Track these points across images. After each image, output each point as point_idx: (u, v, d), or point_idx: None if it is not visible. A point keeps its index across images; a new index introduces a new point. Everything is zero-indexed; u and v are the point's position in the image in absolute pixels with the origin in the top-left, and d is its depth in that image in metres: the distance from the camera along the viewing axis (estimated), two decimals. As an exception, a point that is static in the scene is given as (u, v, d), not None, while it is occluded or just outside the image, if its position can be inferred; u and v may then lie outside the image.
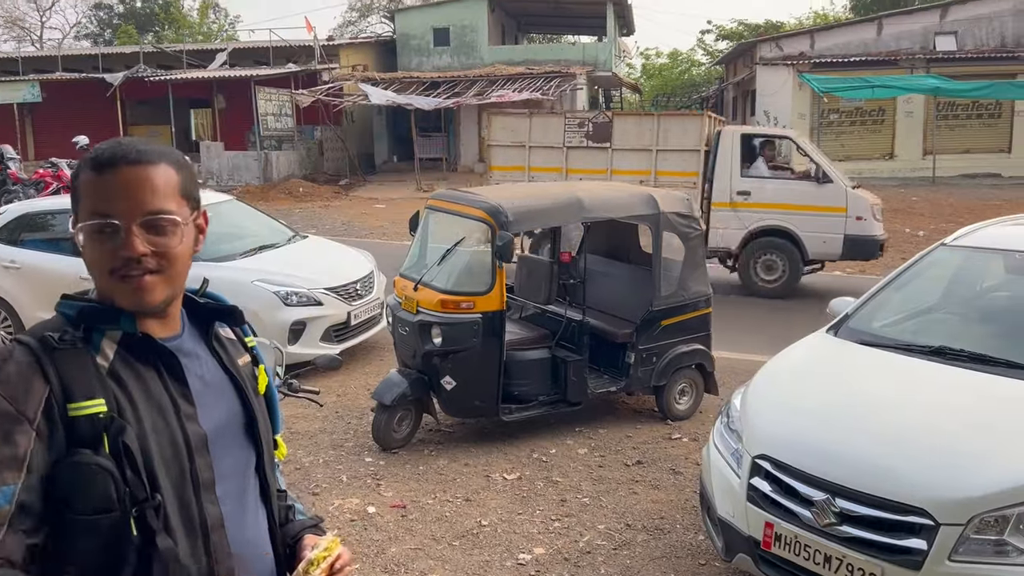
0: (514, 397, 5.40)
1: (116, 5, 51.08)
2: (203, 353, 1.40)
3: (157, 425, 1.26)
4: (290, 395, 3.74)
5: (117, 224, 1.25)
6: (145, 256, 1.26)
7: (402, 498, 4.68)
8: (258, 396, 1.46)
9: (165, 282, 1.30)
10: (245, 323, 1.50)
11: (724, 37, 40.35)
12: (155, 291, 1.28)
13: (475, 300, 5.11)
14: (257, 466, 1.43)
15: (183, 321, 1.40)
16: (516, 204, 5.24)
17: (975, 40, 24.30)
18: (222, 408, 1.37)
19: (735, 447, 3.63)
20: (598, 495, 4.74)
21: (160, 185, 1.29)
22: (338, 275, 7.20)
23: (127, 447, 1.20)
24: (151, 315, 1.32)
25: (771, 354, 4.33)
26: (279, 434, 1.54)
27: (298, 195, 20.60)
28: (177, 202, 1.31)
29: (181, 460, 1.27)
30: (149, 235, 1.27)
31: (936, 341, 3.84)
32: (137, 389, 1.26)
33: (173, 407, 1.28)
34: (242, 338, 1.50)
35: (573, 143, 10.60)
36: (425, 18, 28.43)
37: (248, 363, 1.47)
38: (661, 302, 5.68)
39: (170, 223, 1.29)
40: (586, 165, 10.46)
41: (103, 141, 1.37)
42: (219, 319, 1.45)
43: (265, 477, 1.44)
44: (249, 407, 1.41)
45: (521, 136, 10.88)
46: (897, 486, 2.98)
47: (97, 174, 1.27)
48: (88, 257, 1.29)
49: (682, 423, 5.81)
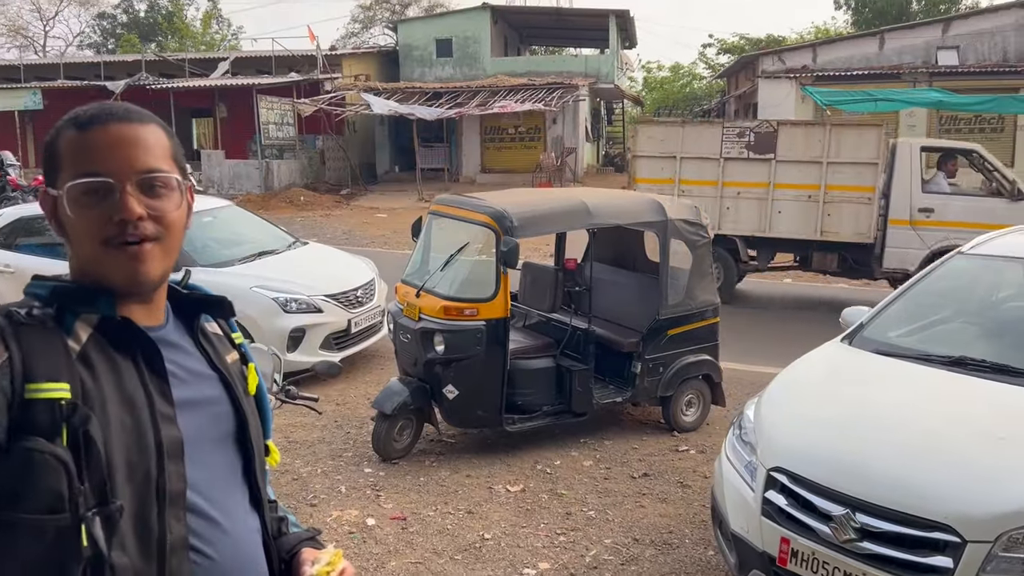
0: (518, 407, 5.27)
1: (119, 15, 51.26)
2: (189, 347, 1.25)
3: (125, 422, 1.09)
4: (288, 402, 3.62)
5: (111, 183, 1.11)
6: (143, 220, 1.12)
7: (402, 510, 4.55)
8: (248, 397, 1.31)
9: (163, 252, 1.16)
10: (234, 315, 1.36)
11: (726, 51, 40.45)
12: (153, 261, 1.14)
13: (479, 307, 4.99)
14: (246, 473, 1.28)
15: (167, 311, 1.25)
16: (521, 209, 5.13)
17: (977, 55, 24.33)
18: (209, 408, 1.22)
19: (748, 459, 3.51)
20: (604, 508, 4.60)
21: (152, 144, 1.16)
22: (338, 282, 7.08)
23: (89, 439, 1.04)
24: (136, 299, 1.17)
25: (777, 365, 4.22)
26: (270, 439, 1.39)
27: (299, 204, 20.53)
28: (170, 165, 1.18)
29: (147, 466, 1.10)
30: (145, 197, 1.13)
31: (955, 351, 3.72)
32: (108, 379, 1.10)
33: (148, 404, 1.12)
34: (229, 334, 1.35)
35: (731, 154, 9.75)
36: (428, 29, 28.47)
37: (237, 361, 1.32)
38: (668, 311, 5.56)
39: (166, 183, 1.16)
40: (745, 178, 9.68)
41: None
42: (206, 311, 1.30)
43: (256, 485, 1.29)
44: (239, 408, 1.26)
45: (671, 146, 10.02)
46: (921, 501, 2.85)
47: (82, 131, 1.13)
48: (74, 227, 1.13)
49: (689, 435, 5.68)
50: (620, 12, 27.97)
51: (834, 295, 10.31)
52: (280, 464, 5.15)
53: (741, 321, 8.60)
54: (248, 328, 6.44)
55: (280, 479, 4.92)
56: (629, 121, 32.84)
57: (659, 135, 10.19)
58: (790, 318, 9.38)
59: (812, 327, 8.41)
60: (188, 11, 49.91)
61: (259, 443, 1.31)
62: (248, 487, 1.28)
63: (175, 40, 44.55)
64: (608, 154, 33.59)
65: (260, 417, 1.34)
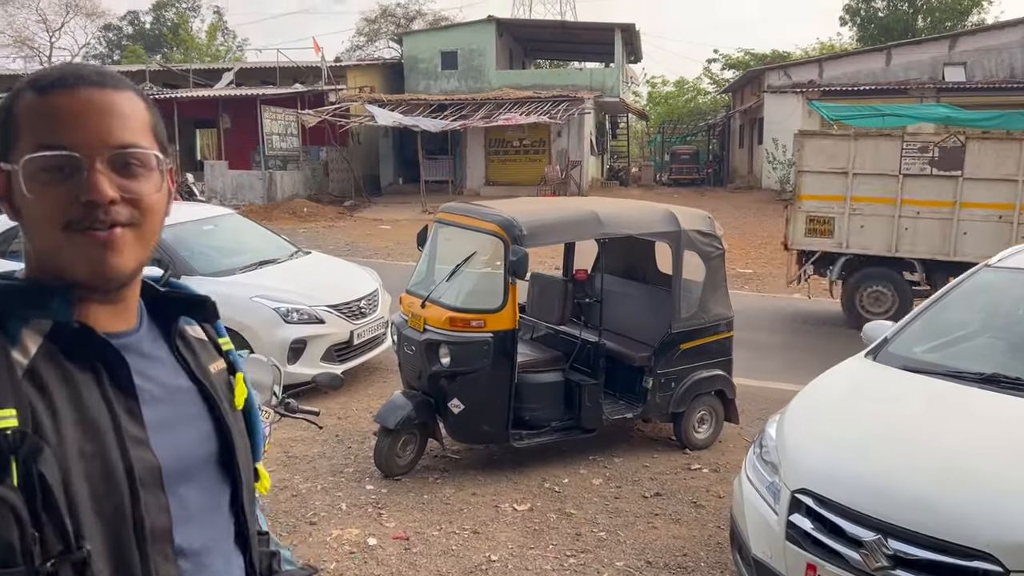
0: (525, 422, 5.10)
1: (125, 27, 51.49)
2: (164, 356, 1.06)
3: (85, 450, 0.91)
4: (288, 416, 3.46)
5: (77, 158, 0.93)
6: (115, 203, 0.94)
7: (405, 529, 4.37)
8: (235, 412, 1.12)
9: (137, 242, 0.98)
10: (219, 318, 1.16)
11: (731, 66, 40.50)
12: (125, 251, 0.96)
13: (486, 318, 4.83)
14: (232, 503, 1.09)
15: (141, 314, 1.06)
16: (530, 218, 4.98)
17: (984, 71, 24.29)
18: (187, 428, 1.04)
19: (771, 480, 3.33)
20: (615, 529, 4.42)
21: (129, 114, 0.98)
22: (341, 292, 6.93)
23: (43, 477, 0.86)
24: (101, 297, 0.98)
25: (794, 382, 4.05)
26: (260, 461, 1.20)
27: (302, 215, 20.42)
28: (149, 140, 1.00)
29: (119, 498, 0.92)
30: (119, 176, 0.96)
31: (987, 367, 3.55)
32: (64, 399, 0.91)
33: (113, 426, 0.94)
34: (216, 339, 1.16)
35: (912, 170, 8.95)
36: (433, 42, 28.51)
37: (222, 370, 1.13)
38: (680, 324, 5.39)
39: (144, 161, 0.98)
40: (927, 196, 8.91)
41: None
42: (186, 313, 1.12)
43: (243, 517, 1.11)
44: (223, 426, 1.08)
45: (842, 161, 9.25)
46: (960, 527, 2.67)
47: (45, 95, 0.95)
48: (30, 209, 0.95)
49: (701, 453, 5.49)
50: (626, 26, 28.01)
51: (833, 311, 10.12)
52: (280, 480, 4.98)
53: (755, 336, 8.43)
54: (248, 339, 6.29)
55: (279, 495, 4.75)
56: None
57: (828, 149, 9.38)
58: (806, 332, 9.20)
59: (825, 342, 8.25)
60: (193, 23, 50.17)
61: (248, 467, 1.12)
62: (234, 519, 1.10)
63: (180, 52, 44.67)
64: (613, 168, 33.53)
65: (249, 436, 1.15)
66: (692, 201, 17.47)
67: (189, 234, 7.01)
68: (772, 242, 15.86)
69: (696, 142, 38.63)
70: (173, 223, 7.12)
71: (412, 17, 44.85)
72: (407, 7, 45.46)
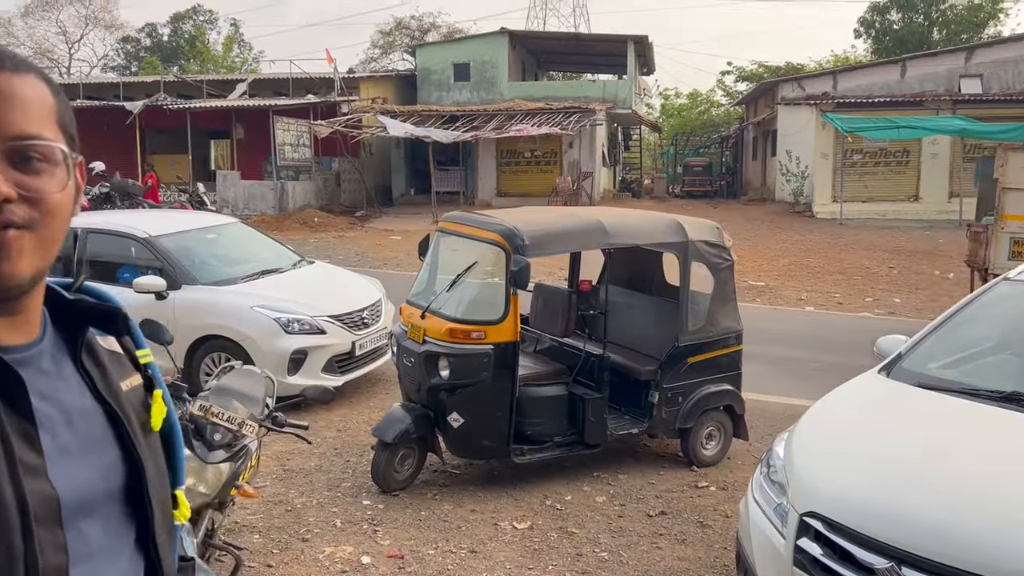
0: (527, 437, 4.96)
1: (143, 39, 51.97)
2: (70, 373, 0.94)
3: None
4: (275, 431, 3.35)
5: None
6: (10, 201, 0.84)
7: (400, 547, 4.23)
8: (150, 435, 1.00)
9: (36, 245, 0.87)
10: (134, 332, 1.03)
11: (744, 78, 40.37)
12: (21, 256, 0.85)
13: (487, 330, 4.70)
14: (142, 537, 0.97)
15: (44, 324, 0.94)
16: (533, 227, 4.86)
17: (1001, 83, 24.02)
18: (90, 455, 0.92)
19: (778, 502, 3.19)
20: (618, 549, 4.27)
21: (29, 100, 0.87)
22: (344, 302, 6.82)
23: None
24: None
25: (803, 397, 3.89)
26: (181, 487, 1.07)
27: (313, 225, 20.39)
28: (53, 131, 0.89)
29: (8, 537, 0.81)
30: (16, 172, 0.85)
31: (1006, 385, 3.39)
32: None
33: (4, 453, 0.82)
34: (133, 351, 1.04)
35: None
36: (446, 54, 28.55)
37: (137, 387, 1.01)
38: (688, 337, 5.25)
39: (47, 155, 0.87)
40: None
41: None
42: (96, 325, 0.99)
43: (155, 552, 0.98)
44: (132, 453, 0.95)
45: None
46: (978, 555, 2.52)
47: None
48: None
49: (709, 470, 5.33)
50: (638, 38, 27.94)
51: (864, 325, 9.92)
52: (274, 494, 4.86)
53: (766, 350, 8.25)
54: (248, 349, 6.21)
55: (272, 510, 4.63)
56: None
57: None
58: (820, 347, 9.01)
59: (840, 357, 8.06)
60: (210, 35, 50.58)
61: (162, 497, 1.00)
62: (143, 556, 0.97)
63: (196, 63, 45.02)
64: (625, 179, 33.40)
65: (168, 460, 1.03)
66: (705, 213, 17.29)
67: (191, 243, 6.94)
68: (785, 255, 15.68)
69: (709, 154, 38.44)
70: (175, 231, 7.08)
71: (426, 30, 45.04)
72: (422, 20, 45.71)
